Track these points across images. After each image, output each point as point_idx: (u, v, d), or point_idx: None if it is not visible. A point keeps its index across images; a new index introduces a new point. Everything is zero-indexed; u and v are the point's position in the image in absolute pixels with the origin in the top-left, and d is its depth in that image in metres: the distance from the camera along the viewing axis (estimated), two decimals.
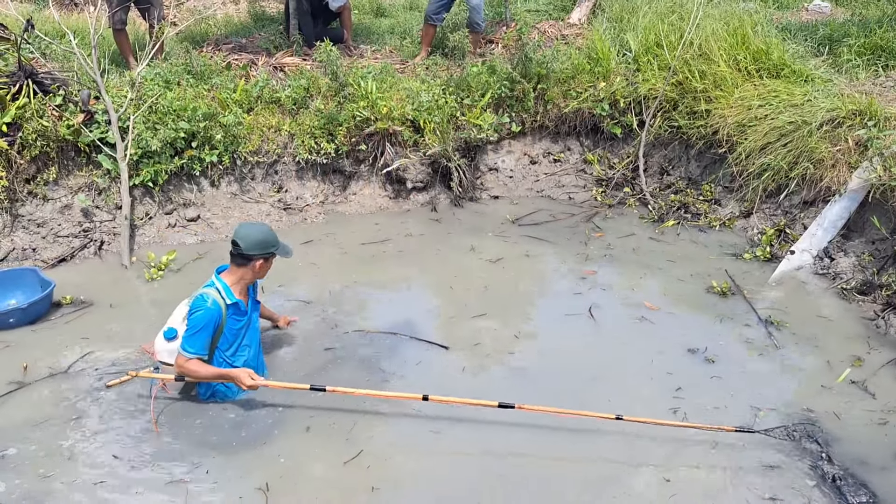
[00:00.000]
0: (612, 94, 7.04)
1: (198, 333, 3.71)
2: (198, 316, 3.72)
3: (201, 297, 3.76)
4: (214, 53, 7.38)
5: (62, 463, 3.56)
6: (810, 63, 6.65)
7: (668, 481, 3.45)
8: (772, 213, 6.03)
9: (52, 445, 3.68)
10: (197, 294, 3.81)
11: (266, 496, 3.36)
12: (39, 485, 3.42)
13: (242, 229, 3.85)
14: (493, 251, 5.91)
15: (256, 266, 3.87)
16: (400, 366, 4.37)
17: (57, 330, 4.78)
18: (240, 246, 3.79)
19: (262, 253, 3.85)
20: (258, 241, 3.81)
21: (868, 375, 4.19)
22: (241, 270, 3.88)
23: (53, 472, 3.50)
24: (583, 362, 4.42)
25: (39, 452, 3.63)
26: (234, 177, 6.49)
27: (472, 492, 3.40)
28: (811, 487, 3.41)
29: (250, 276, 3.91)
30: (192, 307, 3.78)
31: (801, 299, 5.09)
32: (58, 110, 5.86)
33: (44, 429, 3.80)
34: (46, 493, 3.37)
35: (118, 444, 3.69)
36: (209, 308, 3.73)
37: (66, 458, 3.59)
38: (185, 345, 3.73)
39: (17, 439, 3.72)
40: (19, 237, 5.75)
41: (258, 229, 3.86)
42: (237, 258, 3.85)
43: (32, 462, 3.56)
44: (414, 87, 6.86)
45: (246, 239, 3.79)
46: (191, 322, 3.73)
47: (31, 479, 3.45)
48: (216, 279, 3.87)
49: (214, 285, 3.84)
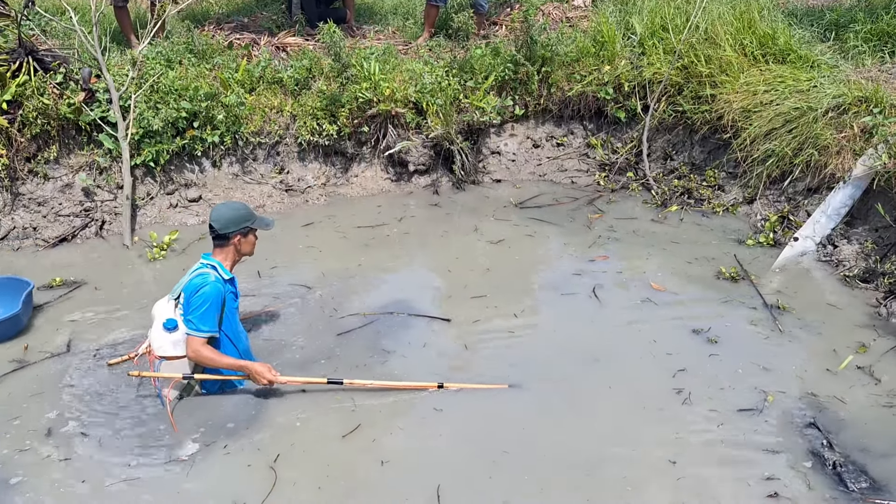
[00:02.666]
0: (617, 78, 6.99)
1: (207, 310, 3.67)
2: (204, 292, 3.67)
3: (200, 276, 3.72)
4: (216, 32, 7.32)
5: (65, 440, 3.57)
6: (816, 49, 6.60)
7: (673, 463, 3.46)
8: (775, 199, 6.01)
9: (51, 424, 3.69)
10: (191, 277, 3.75)
11: (275, 473, 3.37)
12: (36, 463, 3.43)
13: (215, 211, 3.87)
14: (495, 234, 5.90)
15: (236, 242, 3.89)
16: (404, 347, 4.38)
17: (55, 310, 4.77)
18: (215, 228, 3.82)
19: (238, 229, 3.86)
20: (231, 218, 3.83)
21: (872, 362, 4.18)
22: (224, 251, 3.88)
23: (52, 451, 3.51)
24: (585, 342, 4.43)
25: (41, 431, 3.64)
26: (236, 157, 6.46)
27: (474, 466, 3.42)
28: (811, 472, 3.42)
29: (234, 254, 3.92)
30: (191, 287, 3.71)
31: (804, 286, 5.08)
32: (58, 88, 5.82)
33: (43, 407, 3.81)
34: (46, 470, 3.38)
35: (124, 422, 3.70)
36: (213, 283, 3.70)
37: (67, 437, 3.60)
38: (197, 324, 3.66)
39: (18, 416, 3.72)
40: (20, 216, 5.73)
41: (230, 206, 3.90)
42: (216, 240, 3.87)
43: (32, 440, 3.57)
44: (417, 68, 6.81)
45: (219, 219, 3.82)
46: (196, 300, 3.67)
47: (30, 457, 3.46)
48: (205, 259, 3.85)
49: (207, 265, 3.81)
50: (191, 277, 3.76)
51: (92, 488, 3.30)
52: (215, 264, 3.83)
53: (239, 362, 3.77)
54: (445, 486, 3.31)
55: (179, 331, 3.72)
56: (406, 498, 3.27)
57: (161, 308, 3.82)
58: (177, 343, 3.73)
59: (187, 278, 3.78)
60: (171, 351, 3.74)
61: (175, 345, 3.73)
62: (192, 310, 3.69)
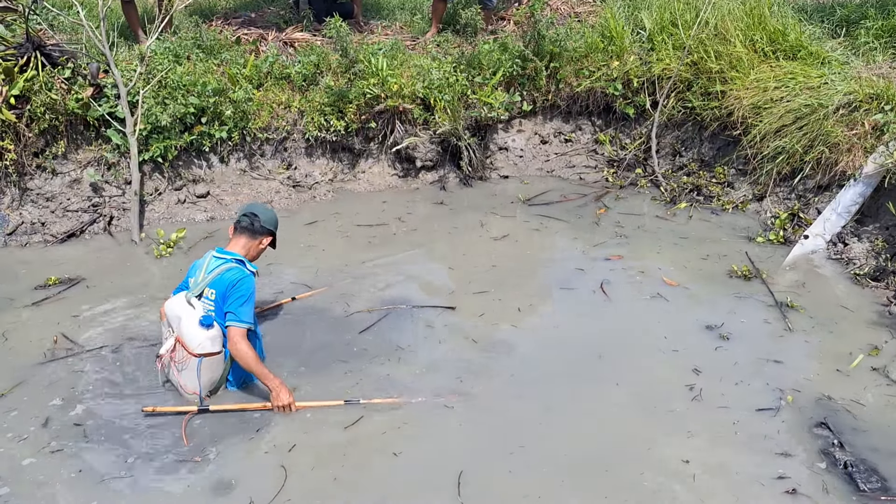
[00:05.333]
0: (626, 74, 6.96)
1: (247, 302, 3.70)
2: (246, 285, 3.70)
3: (232, 270, 3.72)
4: (224, 28, 7.31)
5: (74, 437, 3.57)
6: (827, 45, 6.56)
7: (686, 462, 3.45)
8: (785, 196, 5.98)
9: (60, 423, 3.69)
10: (221, 271, 3.72)
11: (285, 470, 3.37)
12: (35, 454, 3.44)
13: (255, 207, 3.97)
14: (502, 230, 5.89)
15: (263, 242, 3.96)
16: (411, 342, 4.39)
17: (56, 306, 4.77)
18: (259, 217, 3.88)
19: (272, 231, 3.99)
20: (273, 220, 4.00)
21: (885, 362, 4.16)
22: (248, 244, 3.90)
23: (63, 446, 3.51)
24: (593, 338, 4.43)
25: (52, 428, 3.65)
26: (244, 153, 6.45)
27: (490, 458, 3.43)
28: (823, 471, 3.40)
29: (254, 251, 3.94)
30: (227, 281, 3.69)
31: (814, 283, 5.05)
32: (66, 83, 5.81)
33: (52, 406, 3.81)
34: (48, 462, 3.39)
35: (134, 422, 3.69)
36: (248, 276, 3.76)
37: (74, 436, 3.60)
38: (241, 316, 3.64)
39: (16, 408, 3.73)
40: (28, 211, 5.73)
41: (270, 208, 4.07)
42: (248, 230, 3.88)
43: (43, 438, 3.58)
44: (424, 64, 6.79)
45: (265, 214, 3.94)
46: (236, 292, 3.67)
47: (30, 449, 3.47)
48: (225, 254, 3.83)
49: (231, 259, 3.80)
50: (220, 272, 3.74)
51: (96, 483, 3.30)
52: (241, 258, 3.84)
53: (271, 376, 3.68)
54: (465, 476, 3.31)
55: (216, 327, 3.70)
56: (426, 487, 3.29)
57: (180, 307, 3.73)
58: (214, 339, 3.70)
59: (214, 274, 3.74)
60: (210, 347, 3.68)
61: (213, 341, 3.69)
62: (231, 302, 3.67)
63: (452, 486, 3.28)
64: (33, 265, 5.28)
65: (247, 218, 3.90)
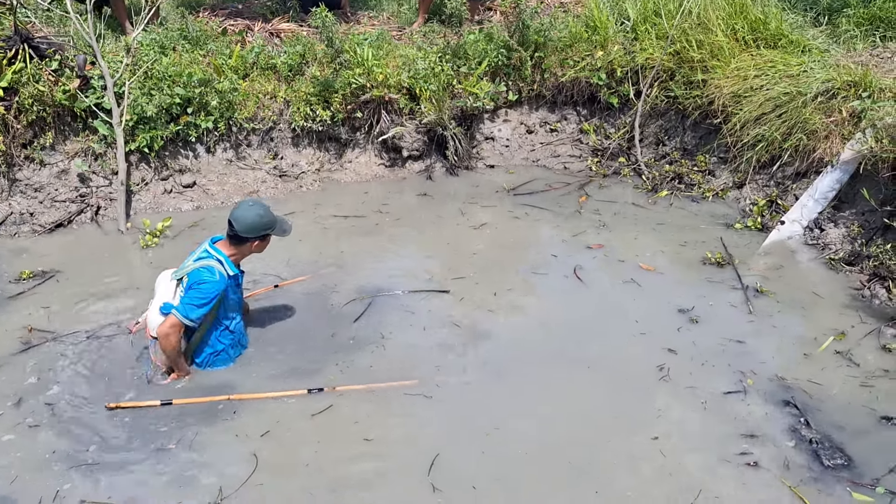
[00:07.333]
0: (610, 64, 7.02)
1: (204, 305, 3.76)
2: (206, 288, 3.75)
3: (208, 271, 3.78)
4: (210, 19, 7.35)
5: (47, 418, 3.66)
6: (809, 33, 6.62)
7: (655, 439, 3.54)
8: (764, 184, 6.05)
9: (25, 393, 3.78)
10: (197, 267, 3.80)
11: (256, 459, 3.44)
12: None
13: (239, 210, 3.84)
14: (486, 219, 5.97)
15: (252, 246, 3.94)
16: (397, 330, 4.46)
17: (38, 296, 4.84)
18: (235, 228, 3.83)
19: (258, 235, 3.89)
20: (253, 225, 3.84)
21: (852, 345, 4.25)
22: (237, 248, 3.93)
23: (27, 419, 3.60)
24: (567, 322, 4.53)
25: (12, 400, 3.73)
26: (230, 143, 6.51)
27: (461, 442, 3.51)
28: (789, 449, 3.50)
29: (247, 252, 3.98)
30: (194, 279, 3.77)
31: (789, 268, 5.14)
32: (54, 75, 5.86)
33: (40, 393, 3.89)
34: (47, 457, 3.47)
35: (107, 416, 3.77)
36: (216, 282, 3.77)
37: (47, 417, 3.69)
38: (187, 311, 3.74)
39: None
40: (17, 202, 5.80)
41: (254, 212, 3.84)
42: (233, 238, 3.89)
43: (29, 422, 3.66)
44: (410, 54, 6.84)
45: (241, 222, 3.81)
46: (198, 292, 3.75)
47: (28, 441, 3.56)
48: (213, 250, 3.89)
49: (214, 257, 3.86)
50: (198, 266, 3.81)
51: (68, 467, 3.38)
52: (222, 259, 3.87)
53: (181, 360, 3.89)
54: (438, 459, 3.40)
55: None
56: (397, 472, 3.37)
57: (164, 284, 3.90)
58: None
59: (194, 264, 3.83)
60: None
61: None
62: (187, 297, 3.77)
63: (424, 469, 3.36)
64: (19, 255, 5.35)
65: (229, 225, 3.87)
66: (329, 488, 3.27)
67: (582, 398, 3.86)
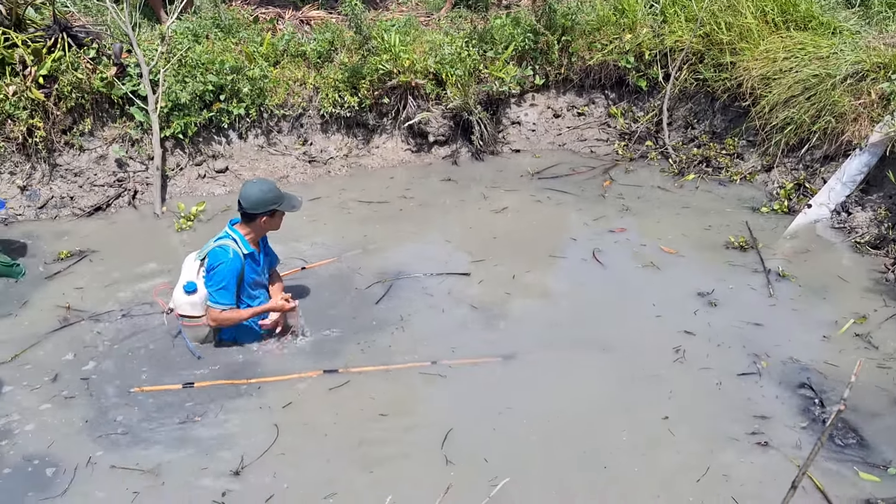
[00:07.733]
0: (638, 47, 6.99)
1: (225, 287, 3.90)
2: (221, 269, 3.89)
3: (222, 250, 3.92)
4: (242, 7, 7.50)
5: (91, 397, 3.86)
6: (840, 15, 6.50)
7: (665, 419, 3.59)
8: (793, 167, 5.99)
9: (63, 369, 3.98)
10: (214, 247, 3.95)
11: (277, 430, 3.59)
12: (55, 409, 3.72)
13: (244, 188, 3.95)
14: (508, 202, 6.03)
15: (261, 222, 4.03)
16: (416, 312, 4.56)
17: (69, 278, 5.04)
18: (242, 206, 3.95)
19: (264, 211, 3.98)
20: (258, 200, 3.93)
21: (872, 328, 4.23)
22: (249, 227, 4.05)
23: (63, 392, 3.80)
24: (585, 304, 4.59)
25: (75, 390, 3.93)
26: (261, 129, 6.66)
27: (475, 419, 3.61)
28: (801, 430, 3.52)
29: (259, 230, 4.09)
30: (211, 261, 3.92)
31: (813, 252, 5.11)
32: (91, 63, 6.07)
33: (76, 368, 4.10)
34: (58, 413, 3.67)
35: (139, 380, 3.96)
36: (231, 259, 3.90)
37: (91, 395, 3.88)
38: (217, 298, 3.90)
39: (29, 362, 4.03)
40: (57, 186, 6.04)
41: (258, 188, 3.94)
42: (244, 216, 4.02)
43: (61, 392, 3.87)
44: (437, 39, 6.90)
45: (247, 199, 3.92)
46: (216, 276, 3.89)
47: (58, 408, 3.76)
48: (230, 230, 4.04)
49: (231, 236, 4.00)
50: (215, 245, 3.97)
51: (100, 434, 3.58)
52: (237, 238, 4.02)
53: (256, 309, 4.05)
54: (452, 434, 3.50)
55: (198, 294, 3.98)
56: (412, 444, 3.49)
57: (189, 265, 4.08)
58: (194, 305, 4.00)
59: (213, 244, 4.00)
60: (190, 311, 4.02)
61: (193, 306, 4.00)
62: (210, 284, 3.93)
63: (437, 443, 3.47)
64: (60, 238, 5.58)
65: (238, 205, 4.00)
66: (347, 458, 3.41)
67: (594, 379, 3.92)
